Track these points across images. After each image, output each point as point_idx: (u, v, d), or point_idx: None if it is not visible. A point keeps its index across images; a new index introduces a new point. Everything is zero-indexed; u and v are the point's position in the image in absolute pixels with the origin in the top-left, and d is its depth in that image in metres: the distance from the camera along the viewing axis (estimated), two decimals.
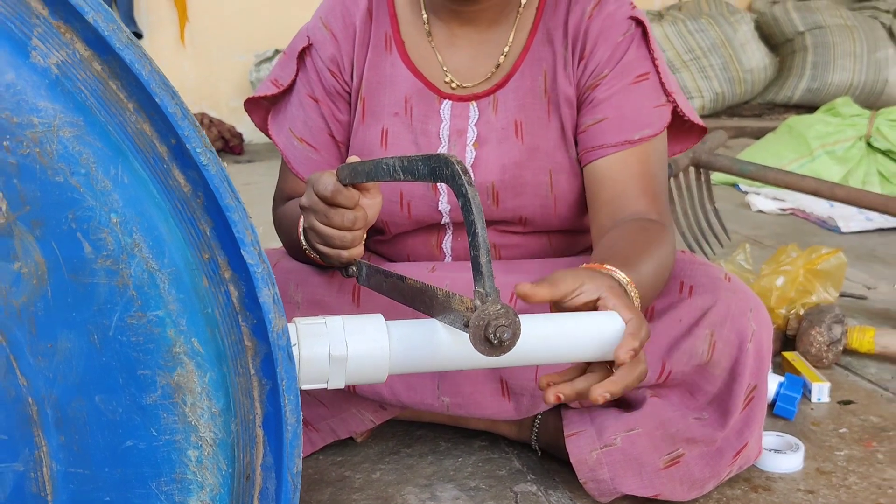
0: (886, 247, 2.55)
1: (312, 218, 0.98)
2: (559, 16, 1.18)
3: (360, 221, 0.96)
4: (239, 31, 4.97)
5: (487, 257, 0.65)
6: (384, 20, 1.22)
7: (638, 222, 1.08)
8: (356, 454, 1.31)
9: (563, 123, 1.18)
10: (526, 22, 1.20)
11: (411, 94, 1.20)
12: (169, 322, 0.53)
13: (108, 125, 0.53)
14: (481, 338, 0.65)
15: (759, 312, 1.11)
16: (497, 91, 1.19)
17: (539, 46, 1.19)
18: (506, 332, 0.65)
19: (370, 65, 1.21)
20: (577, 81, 1.17)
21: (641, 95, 1.15)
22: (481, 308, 0.64)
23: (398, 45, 1.21)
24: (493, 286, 0.65)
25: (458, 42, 1.21)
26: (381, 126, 1.21)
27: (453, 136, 1.20)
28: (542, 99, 1.18)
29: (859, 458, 1.29)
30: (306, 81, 1.23)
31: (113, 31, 0.51)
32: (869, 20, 5.22)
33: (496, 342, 0.65)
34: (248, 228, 0.53)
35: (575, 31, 1.17)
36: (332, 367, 0.71)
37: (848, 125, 3.24)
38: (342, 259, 0.99)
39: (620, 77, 1.15)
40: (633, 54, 1.15)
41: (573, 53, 1.17)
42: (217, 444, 0.54)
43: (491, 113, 1.19)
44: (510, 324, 0.65)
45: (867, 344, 1.63)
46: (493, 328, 0.65)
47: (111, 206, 0.52)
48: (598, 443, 1.13)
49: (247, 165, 4.27)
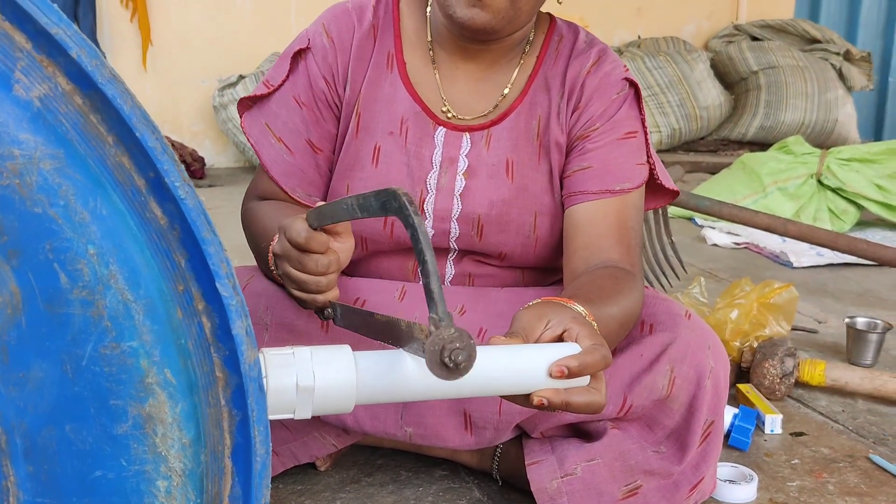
0: (836, 282, 2.63)
1: (286, 265, 0.99)
2: (559, 67, 1.23)
3: (333, 265, 0.97)
4: (202, 56, 4.95)
5: (438, 284, 0.66)
6: (388, 39, 1.23)
7: (609, 270, 1.10)
8: (317, 482, 1.31)
9: (551, 168, 1.22)
10: (527, 67, 1.24)
11: (408, 116, 1.22)
12: (142, 353, 0.54)
13: (88, 158, 0.53)
14: (437, 362, 0.66)
15: (717, 349, 1.14)
16: (492, 127, 1.22)
17: (537, 92, 1.23)
18: (460, 354, 0.66)
19: (369, 81, 1.22)
20: (568, 130, 1.22)
21: (627, 151, 1.20)
22: (435, 333, 0.65)
23: (400, 66, 1.23)
24: (446, 311, 0.66)
25: (458, 75, 1.23)
26: (374, 143, 1.22)
27: (445, 163, 1.22)
28: (534, 142, 1.22)
29: (811, 488, 1.32)
30: (295, 84, 1.22)
31: (96, 67, 0.52)
32: (820, 62, 5.40)
33: (452, 365, 0.66)
34: (224, 261, 0.54)
35: (572, 83, 1.22)
36: (300, 397, 0.71)
37: (800, 163, 3.33)
38: (317, 303, 1.00)
39: (610, 132, 1.20)
40: (624, 113, 1.21)
41: (568, 103, 1.22)
42: (186, 475, 0.55)
43: (483, 147, 1.22)
44: (465, 346, 0.66)
45: (818, 377, 1.68)
46: (448, 352, 0.65)
47: (88, 238, 0.53)
48: (558, 472, 1.15)
49: (208, 190, 4.25)
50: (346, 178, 1.22)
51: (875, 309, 2.32)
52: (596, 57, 1.23)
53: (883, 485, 1.34)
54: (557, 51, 1.24)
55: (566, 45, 1.25)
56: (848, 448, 1.47)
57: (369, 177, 1.21)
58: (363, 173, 1.21)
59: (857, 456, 1.44)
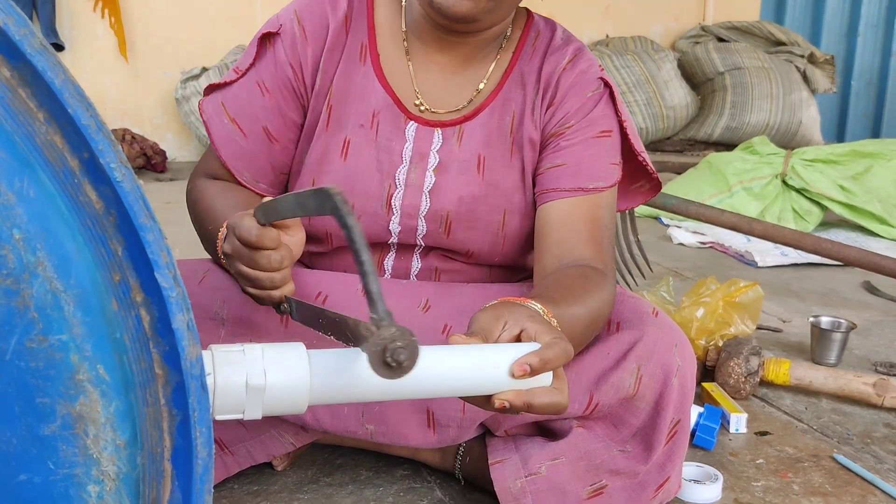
0: (800, 281, 2.64)
1: (238, 264, 0.96)
2: (535, 63, 1.22)
3: (286, 260, 0.94)
4: (165, 48, 4.86)
5: (377, 283, 0.63)
6: (361, 30, 1.20)
7: (579, 269, 1.09)
8: (274, 483, 1.27)
9: (524, 165, 1.20)
10: (503, 63, 1.22)
11: (380, 109, 1.19)
12: (73, 347, 0.50)
13: (15, 135, 0.49)
14: (380, 362, 0.64)
15: (684, 348, 1.13)
16: (464, 123, 1.20)
17: (512, 88, 1.21)
18: (402, 353, 0.63)
19: (341, 73, 1.19)
20: (542, 127, 1.20)
21: (601, 150, 1.18)
22: (376, 333, 0.63)
23: (373, 58, 1.20)
24: (386, 310, 0.64)
25: (432, 68, 1.20)
26: (344, 136, 1.18)
27: (415, 158, 1.19)
28: (507, 138, 1.20)
29: (776, 488, 1.31)
30: (261, 69, 1.19)
31: (24, 37, 0.47)
32: (785, 64, 5.46)
33: (394, 364, 0.63)
34: (164, 250, 0.50)
35: (547, 79, 1.20)
36: (249, 396, 0.68)
37: (765, 163, 3.36)
38: (273, 299, 0.97)
39: (585, 129, 1.18)
40: (599, 111, 1.19)
41: (543, 99, 1.20)
42: (120, 479, 0.51)
43: (455, 143, 1.19)
44: (406, 344, 0.63)
45: (783, 376, 1.67)
46: (390, 351, 0.63)
47: (14, 222, 0.49)
48: (522, 471, 1.13)
49: (169, 184, 4.17)
50: (313, 171, 1.19)
51: (838, 308, 2.33)
52: (572, 54, 1.21)
53: (847, 484, 1.33)
54: (534, 47, 1.23)
55: (542, 41, 1.23)
56: (812, 447, 1.46)
57: (337, 170, 1.17)
58: (331, 167, 1.18)
59: (821, 455, 1.43)
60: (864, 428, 1.56)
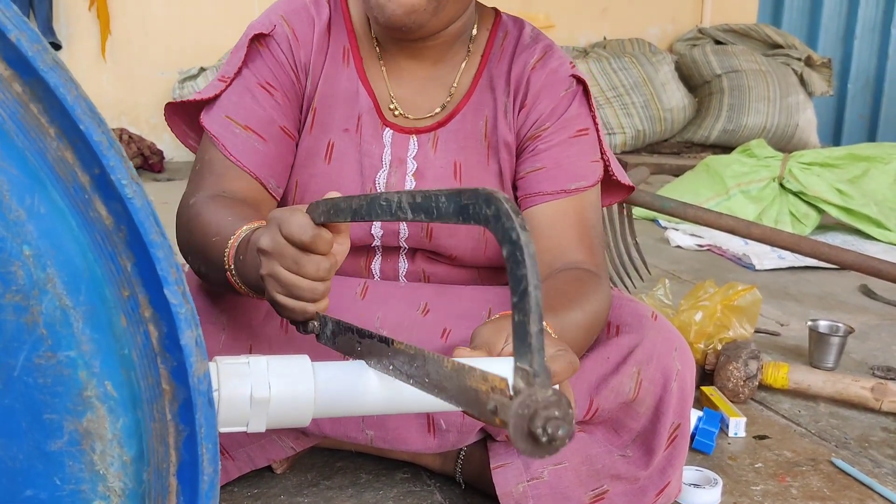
0: (798, 285, 2.65)
1: (276, 265, 0.82)
2: (503, 65, 1.20)
3: (333, 270, 0.83)
4: (163, 47, 4.85)
5: (540, 326, 0.48)
6: (342, 34, 1.19)
7: (573, 272, 1.09)
8: (273, 486, 1.27)
9: (501, 169, 1.20)
10: (472, 66, 1.21)
11: (364, 112, 1.19)
12: (81, 363, 0.50)
13: (27, 151, 0.49)
14: (524, 430, 0.48)
15: (684, 352, 1.13)
16: (438, 129, 1.19)
17: (482, 92, 1.20)
18: (561, 427, 0.47)
19: (326, 76, 1.18)
20: (517, 129, 1.19)
21: (580, 149, 1.18)
22: (526, 392, 0.48)
23: (356, 61, 1.19)
24: (544, 365, 0.48)
25: (404, 74, 1.20)
26: (328, 139, 1.18)
27: (395, 163, 1.19)
28: (482, 143, 1.19)
29: (774, 492, 1.32)
30: (260, 69, 1.15)
31: (37, 53, 0.47)
32: (782, 67, 5.47)
33: (545, 439, 0.47)
34: (173, 266, 0.50)
35: (517, 80, 1.19)
36: (254, 409, 0.68)
37: (762, 166, 3.36)
38: (308, 314, 0.84)
39: (562, 130, 1.17)
40: (574, 110, 1.18)
41: (514, 101, 1.19)
42: (126, 495, 0.51)
43: (430, 149, 1.19)
44: (564, 416, 0.47)
45: (781, 380, 1.68)
46: (543, 420, 0.47)
47: (24, 238, 0.49)
48: (524, 475, 1.13)
49: (166, 184, 4.16)
50: (296, 174, 1.18)
51: (836, 312, 2.34)
52: (541, 53, 1.20)
53: (845, 488, 1.34)
54: (502, 47, 1.21)
55: (510, 41, 1.22)
56: (811, 451, 1.47)
57: (321, 173, 1.17)
58: (315, 169, 1.17)
59: (819, 459, 1.44)
60: (861, 432, 1.56)
